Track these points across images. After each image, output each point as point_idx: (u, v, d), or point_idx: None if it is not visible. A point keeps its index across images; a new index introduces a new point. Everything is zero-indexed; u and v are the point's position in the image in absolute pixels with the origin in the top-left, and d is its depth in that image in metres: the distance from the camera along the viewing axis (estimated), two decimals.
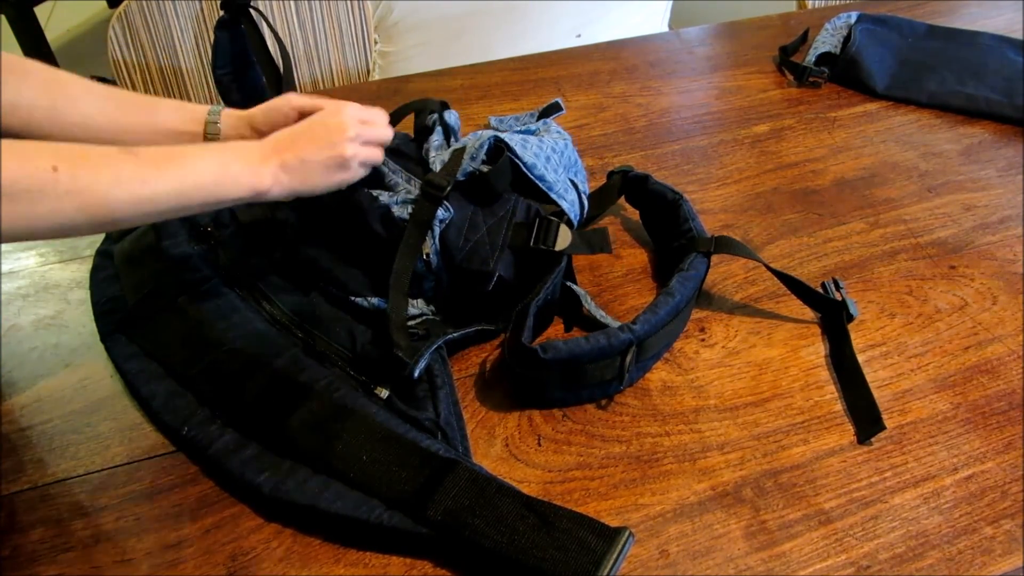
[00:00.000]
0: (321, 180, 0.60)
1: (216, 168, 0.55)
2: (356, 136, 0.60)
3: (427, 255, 0.63)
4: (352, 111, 0.62)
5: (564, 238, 0.64)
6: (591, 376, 0.59)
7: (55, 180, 0.48)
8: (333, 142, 0.60)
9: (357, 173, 0.62)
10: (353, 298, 0.65)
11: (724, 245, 0.67)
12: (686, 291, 0.63)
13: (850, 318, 0.67)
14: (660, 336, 0.62)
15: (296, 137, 0.59)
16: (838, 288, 0.70)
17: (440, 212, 0.63)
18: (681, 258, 0.68)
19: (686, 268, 0.65)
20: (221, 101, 0.87)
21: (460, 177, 0.65)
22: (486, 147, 0.66)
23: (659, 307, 0.61)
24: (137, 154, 0.52)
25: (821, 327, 0.68)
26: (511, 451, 0.58)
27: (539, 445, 0.59)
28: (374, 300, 0.64)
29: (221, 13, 0.84)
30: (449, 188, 0.63)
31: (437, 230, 0.63)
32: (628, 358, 0.58)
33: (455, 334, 0.62)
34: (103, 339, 0.65)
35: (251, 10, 0.84)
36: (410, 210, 0.63)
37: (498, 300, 0.64)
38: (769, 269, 0.68)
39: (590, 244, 0.65)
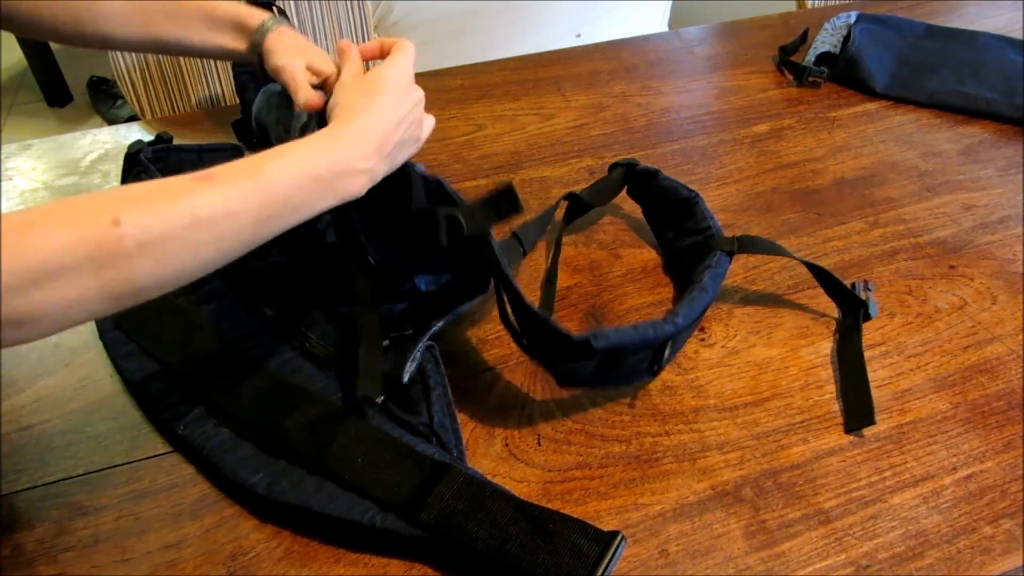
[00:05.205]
0: (403, 159, 0.54)
1: (307, 178, 0.46)
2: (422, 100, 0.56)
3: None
4: (409, 63, 0.56)
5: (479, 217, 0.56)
6: (626, 365, 0.58)
7: (119, 239, 0.38)
8: (418, 117, 0.54)
9: (425, 138, 0.57)
10: (343, 309, 0.64)
11: (748, 244, 0.67)
12: (715, 288, 0.64)
13: (867, 317, 0.67)
14: (689, 330, 0.62)
15: (387, 113, 0.51)
16: (866, 288, 0.70)
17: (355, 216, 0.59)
18: (694, 256, 0.68)
19: (714, 266, 0.65)
20: (237, 99, 0.86)
21: None
22: None
23: (696, 301, 0.61)
24: (214, 179, 0.43)
25: (824, 326, 0.68)
26: (511, 450, 0.58)
27: (539, 444, 0.59)
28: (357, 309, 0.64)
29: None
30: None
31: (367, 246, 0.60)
32: (667, 351, 0.58)
33: (438, 324, 0.61)
34: (101, 336, 0.65)
35: (274, 9, 0.84)
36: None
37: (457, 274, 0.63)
38: (800, 261, 0.69)
39: (498, 210, 0.55)
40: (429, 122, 0.59)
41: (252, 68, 0.82)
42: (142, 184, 0.42)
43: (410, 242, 0.59)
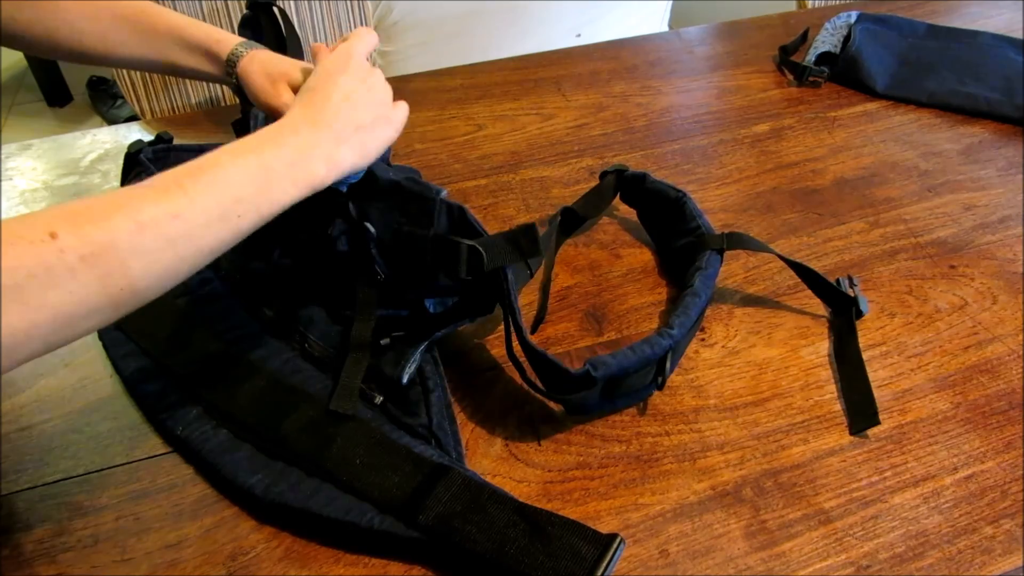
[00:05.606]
0: (376, 146, 0.53)
1: (256, 170, 0.45)
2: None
3: (380, 276, 0.60)
4: (358, 48, 0.55)
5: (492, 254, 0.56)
6: (630, 385, 0.58)
7: (58, 252, 0.36)
8: (376, 94, 0.53)
9: (401, 122, 0.56)
10: (347, 312, 0.64)
11: (737, 241, 0.67)
12: (708, 290, 0.64)
13: (859, 315, 0.67)
14: (688, 336, 0.62)
15: (331, 99, 0.51)
16: (852, 285, 0.70)
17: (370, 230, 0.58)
18: (688, 256, 0.68)
19: (704, 267, 0.65)
20: (237, 99, 0.86)
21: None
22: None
23: (690, 308, 0.61)
24: (153, 185, 0.42)
25: (824, 326, 0.68)
26: (511, 451, 0.58)
27: (539, 445, 0.59)
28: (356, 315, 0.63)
29: (245, 11, 0.83)
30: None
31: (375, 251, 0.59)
32: (668, 363, 0.58)
33: (438, 334, 0.62)
34: (100, 336, 0.65)
35: (274, 9, 0.84)
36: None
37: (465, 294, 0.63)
38: (784, 260, 0.68)
39: (518, 248, 0.55)
40: (402, 107, 0.57)
41: None
42: (82, 199, 0.40)
43: (424, 265, 0.59)
